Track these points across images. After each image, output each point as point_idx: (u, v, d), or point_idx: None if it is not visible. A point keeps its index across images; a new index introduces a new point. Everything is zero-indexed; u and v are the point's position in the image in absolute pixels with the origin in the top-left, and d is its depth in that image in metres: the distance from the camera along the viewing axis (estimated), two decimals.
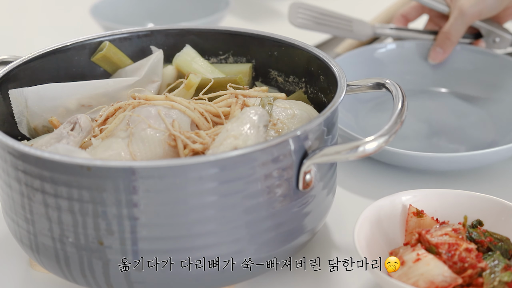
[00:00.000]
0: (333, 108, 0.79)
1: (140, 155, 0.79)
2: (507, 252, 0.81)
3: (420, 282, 0.74)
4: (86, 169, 0.70)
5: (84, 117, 0.82)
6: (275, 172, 0.74)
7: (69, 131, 0.81)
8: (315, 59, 0.91)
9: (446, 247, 0.77)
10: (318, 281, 0.84)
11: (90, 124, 0.82)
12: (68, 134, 0.81)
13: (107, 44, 0.96)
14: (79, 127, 0.81)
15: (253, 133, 0.77)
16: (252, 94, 0.89)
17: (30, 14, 1.71)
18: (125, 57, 0.97)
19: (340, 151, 0.75)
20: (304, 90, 0.95)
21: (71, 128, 0.81)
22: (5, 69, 0.88)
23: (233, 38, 0.99)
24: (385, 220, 0.84)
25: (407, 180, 1.01)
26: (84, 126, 0.81)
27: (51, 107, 0.90)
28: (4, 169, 0.77)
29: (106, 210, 0.72)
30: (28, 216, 0.76)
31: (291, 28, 1.22)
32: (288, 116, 0.86)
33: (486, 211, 0.84)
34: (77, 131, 0.81)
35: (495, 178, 1.02)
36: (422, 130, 1.12)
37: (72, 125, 0.82)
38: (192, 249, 0.74)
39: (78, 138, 0.81)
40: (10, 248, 0.89)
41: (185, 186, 0.71)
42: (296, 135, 0.75)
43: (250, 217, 0.74)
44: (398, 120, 0.78)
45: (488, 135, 1.09)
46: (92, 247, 0.73)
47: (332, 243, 0.89)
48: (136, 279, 0.74)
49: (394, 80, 0.86)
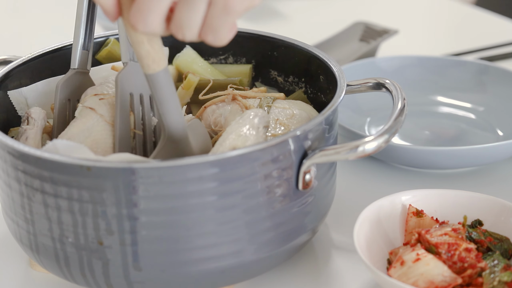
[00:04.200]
0: (332, 108, 0.79)
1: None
2: (507, 252, 0.81)
3: (419, 282, 0.74)
4: (86, 169, 0.70)
5: (34, 109, 0.85)
6: (275, 172, 0.74)
7: (24, 126, 0.84)
8: (315, 59, 0.91)
9: (446, 247, 0.77)
10: (318, 281, 0.84)
11: (43, 112, 0.85)
12: (24, 130, 0.83)
13: (112, 40, 0.96)
14: (32, 119, 0.84)
15: (253, 134, 0.77)
16: (251, 95, 0.89)
17: (30, 14, 1.70)
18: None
19: (339, 151, 0.75)
20: (304, 90, 0.95)
21: (26, 123, 0.84)
22: (5, 69, 0.88)
23: (233, 38, 0.98)
24: (385, 220, 0.84)
25: (407, 180, 1.01)
26: (36, 116, 0.84)
27: (51, 101, 0.90)
28: (4, 169, 0.77)
29: (106, 210, 0.72)
30: (28, 216, 0.76)
31: (291, 28, 1.22)
32: (287, 116, 0.86)
33: (486, 211, 0.84)
34: (32, 124, 0.84)
35: (495, 178, 1.02)
36: (423, 136, 1.12)
37: (26, 120, 0.84)
38: (192, 249, 0.74)
39: (34, 129, 0.83)
40: (10, 248, 0.89)
41: (185, 186, 0.71)
42: (295, 135, 0.75)
43: (250, 217, 0.74)
44: (398, 119, 0.78)
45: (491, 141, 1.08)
46: (92, 247, 0.73)
47: (332, 243, 0.90)
48: (136, 279, 0.74)
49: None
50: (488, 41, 1.43)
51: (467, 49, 1.40)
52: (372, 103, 1.16)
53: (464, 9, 1.64)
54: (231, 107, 0.87)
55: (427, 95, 1.20)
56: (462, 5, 1.66)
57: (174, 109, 0.75)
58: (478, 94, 1.18)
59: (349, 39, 1.35)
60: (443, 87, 1.20)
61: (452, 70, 1.21)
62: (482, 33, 1.50)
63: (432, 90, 1.20)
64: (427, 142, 1.10)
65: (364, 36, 1.36)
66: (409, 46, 1.45)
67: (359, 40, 1.35)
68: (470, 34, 1.52)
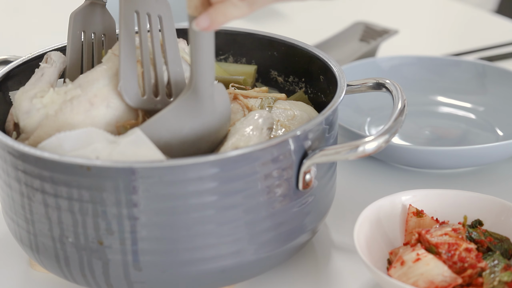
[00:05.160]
0: (333, 108, 0.79)
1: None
2: (507, 252, 0.81)
3: (420, 282, 0.74)
4: (86, 169, 0.70)
5: (54, 52, 0.86)
6: (275, 172, 0.74)
7: (43, 64, 0.84)
8: (315, 59, 0.91)
9: (446, 247, 0.77)
10: (318, 281, 0.84)
11: (62, 57, 0.85)
12: (42, 67, 0.83)
13: None
14: (51, 60, 0.84)
15: (256, 135, 0.77)
16: (252, 95, 0.89)
17: (30, 14, 1.70)
18: None
19: (339, 151, 0.75)
20: (304, 90, 0.95)
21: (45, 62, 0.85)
22: (5, 69, 0.88)
23: (233, 38, 0.99)
24: (385, 220, 0.84)
25: (407, 180, 1.01)
26: (55, 58, 0.85)
27: None
28: (4, 169, 0.77)
29: (106, 210, 0.72)
30: (28, 216, 0.76)
31: (291, 28, 1.22)
32: (288, 117, 0.86)
33: (486, 211, 0.84)
34: (50, 63, 0.84)
35: (495, 178, 1.02)
36: (423, 136, 1.12)
37: (45, 60, 0.85)
38: (192, 249, 0.74)
39: (52, 68, 0.84)
40: (10, 248, 0.89)
41: (185, 186, 0.71)
42: (295, 135, 0.75)
43: (250, 217, 0.74)
44: (398, 119, 0.78)
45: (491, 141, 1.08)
46: (92, 247, 0.73)
47: (332, 243, 0.89)
48: (136, 279, 0.74)
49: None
50: (488, 41, 1.43)
51: (467, 49, 1.40)
52: (372, 103, 1.16)
53: (464, 9, 1.64)
54: (232, 107, 0.87)
55: (427, 95, 1.20)
56: (462, 5, 1.66)
57: (209, 61, 0.73)
58: (478, 94, 1.18)
59: (349, 39, 1.35)
60: (443, 87, 1.20)
61: (452, 70, 1.21)
62: (482, 33, 1.50)
63: (432, 90, 1.20)
64: (427, 142, 1.10)
65: (364, 36, 1.35)
66: (409, 46, 1.45)
67: (359, 40, 1.35)
68: (470, 34, 1.52)
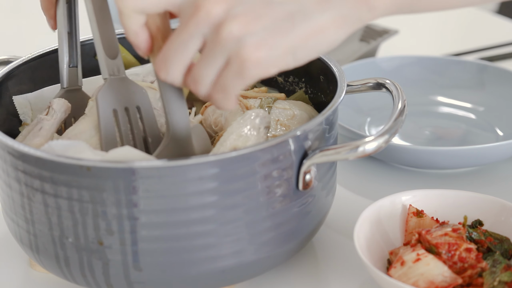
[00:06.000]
0: (333, 108, 0.79)
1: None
2: (507, 252, 0.81)
3: (420, 282, 0.74)
4: (86, 169, 0.70)
5: (57, 100, 0.84)
6: (275, 172, 0.74)
7: (42, 116, 0.83)
8: (315, 59, 0.91)
9: (446, 247, 0.77)
10: (318, 281, 0.84)
11: (66, 104, 0.84)
12: (41, 119, 0.83)
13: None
14: (53, 110, 0.83)
15: (254, 135, 0.77)
16: (252, 95, 0.89)
17: (30, 14, 1.70)
18: (130, 56, 0.97)
19: (340, 151, 0.75)
20: (304, 90, 0.95)
21: (46, 113, 0.84)
22: (5, 69, 0.88)
23: None
24: (385, 220, 0.84)
25: (407, 180, 1.01)
26: (57, 108, 0.84)
27: None
28: (4, 169, 0.77)
29: (106, 210, 0.72)
30: (28, 216, 0.76)
31: None
32: (288, 117, 0.86)
33: (486, 211, 0.84)
34: (51, 115, 0.83)
35: (495, 178, 1.02)
36: (423, 136, 1.12)
37: (47, 110, 0.84)
38: (192, 249, 0.74)
39: (51, 121, 0.83)
40: (10, 248, 0.89)
41: (185, 186, 0.71)
42: (295, 135, 0.75)
43: (250, 217, 0.74)
44: (398, 119, 0.78)
45: (491, 141, 1.08)
46: (92, 247, 0.73)
47: (332, 243, 0.89)
48: (136, 279, 0.74)
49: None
50: (488, 41, 1.43)
51: (467, 49, 1.40)
52: (372, 103, 1.16)
53: (465, 9, 1.64)
54: None
55: (427, 95, 1.20)
56: None
57: (180, 108, 0.75)
58: (478, 94, 1.18)
59: (349, 39, 1.35)
60: (443, 87, 1.20)
61: (452, 70, 1.21)
62: (483, 33, 1.50)
63: (432, 90, 1.20)
64: (427, 142, 1.10)
65: (364, 36, 1.36)
66: (409, 46, 1.45)
67: (359, 40, 1.35)
68: (470, 34, 1.52)
